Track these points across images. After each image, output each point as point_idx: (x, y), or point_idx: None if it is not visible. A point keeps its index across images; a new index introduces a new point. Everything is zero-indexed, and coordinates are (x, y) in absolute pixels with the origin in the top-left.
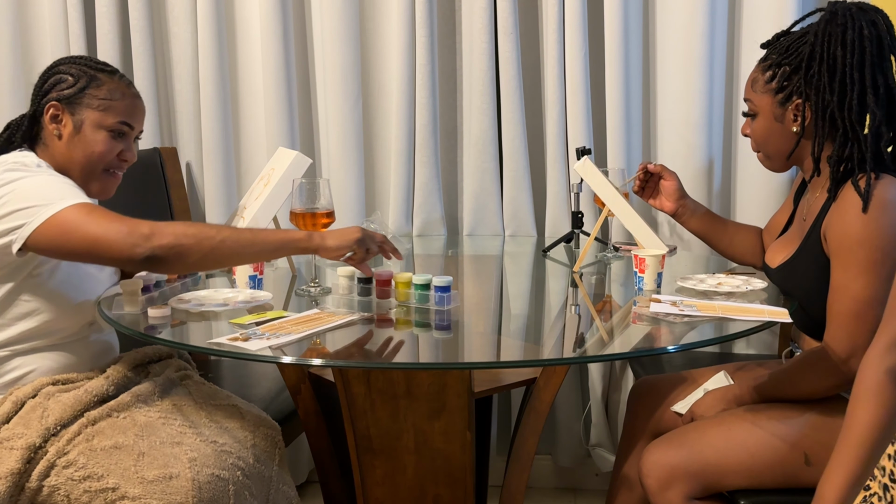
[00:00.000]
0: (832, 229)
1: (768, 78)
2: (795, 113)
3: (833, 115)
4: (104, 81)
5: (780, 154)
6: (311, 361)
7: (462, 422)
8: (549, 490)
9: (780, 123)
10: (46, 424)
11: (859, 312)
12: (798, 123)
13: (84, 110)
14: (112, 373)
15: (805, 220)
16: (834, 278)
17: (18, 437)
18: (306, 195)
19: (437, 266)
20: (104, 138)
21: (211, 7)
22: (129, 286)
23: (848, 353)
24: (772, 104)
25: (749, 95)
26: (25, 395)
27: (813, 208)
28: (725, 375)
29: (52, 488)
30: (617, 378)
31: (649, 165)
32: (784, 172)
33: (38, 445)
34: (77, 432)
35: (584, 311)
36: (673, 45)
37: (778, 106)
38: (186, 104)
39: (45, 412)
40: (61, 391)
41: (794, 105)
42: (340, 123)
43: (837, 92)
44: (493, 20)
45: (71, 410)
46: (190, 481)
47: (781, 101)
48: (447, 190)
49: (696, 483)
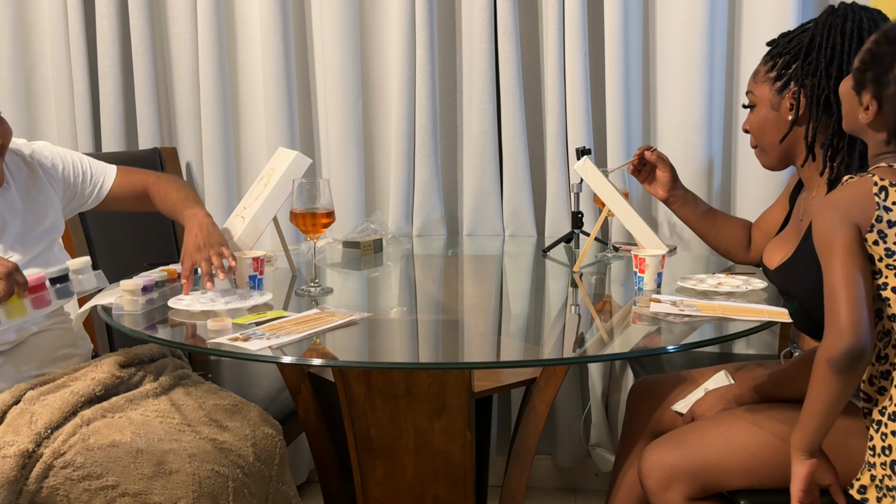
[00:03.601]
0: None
1: (768, 68)
2: (791, 102)
3: (829, 99)
4: None
5: (774, 144)
6: (311, 361)
7: (462, 422)
8: (549, 490)
9: (775, 112)
10: (37, 429)
11: None
12: (793, 112)
13: None
14: (98, 374)
15: (802, 220)
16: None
17: (10, 445)
18: (306, 195)
19: (437, 266)
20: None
21: (211, 7)
22: (129, 286)
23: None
24: (769, 92)
25: (750, 87)
26: (5, 403)
27: (809, 209)
28: (726, 375)
29: (51, 489)
30: (617, 378)
31: (647, 153)
32: (779, 171)
33: (31, 451)
34: (72, 433)
35: (584, 311)
36: (673, 45)
37: (775, 94)
38: (186, 104)
39: (32, 417)
40: (44, 394)
41: (791, 93)
42: (340, 123)
43: (834, 77)
44: (493, 20)
45: (59, 413)
46: (190, 476)
47: (779, 89)
48: (447, 190)
49: (695, 483)
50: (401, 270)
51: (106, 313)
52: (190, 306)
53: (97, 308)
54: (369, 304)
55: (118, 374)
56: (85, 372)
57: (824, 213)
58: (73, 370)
